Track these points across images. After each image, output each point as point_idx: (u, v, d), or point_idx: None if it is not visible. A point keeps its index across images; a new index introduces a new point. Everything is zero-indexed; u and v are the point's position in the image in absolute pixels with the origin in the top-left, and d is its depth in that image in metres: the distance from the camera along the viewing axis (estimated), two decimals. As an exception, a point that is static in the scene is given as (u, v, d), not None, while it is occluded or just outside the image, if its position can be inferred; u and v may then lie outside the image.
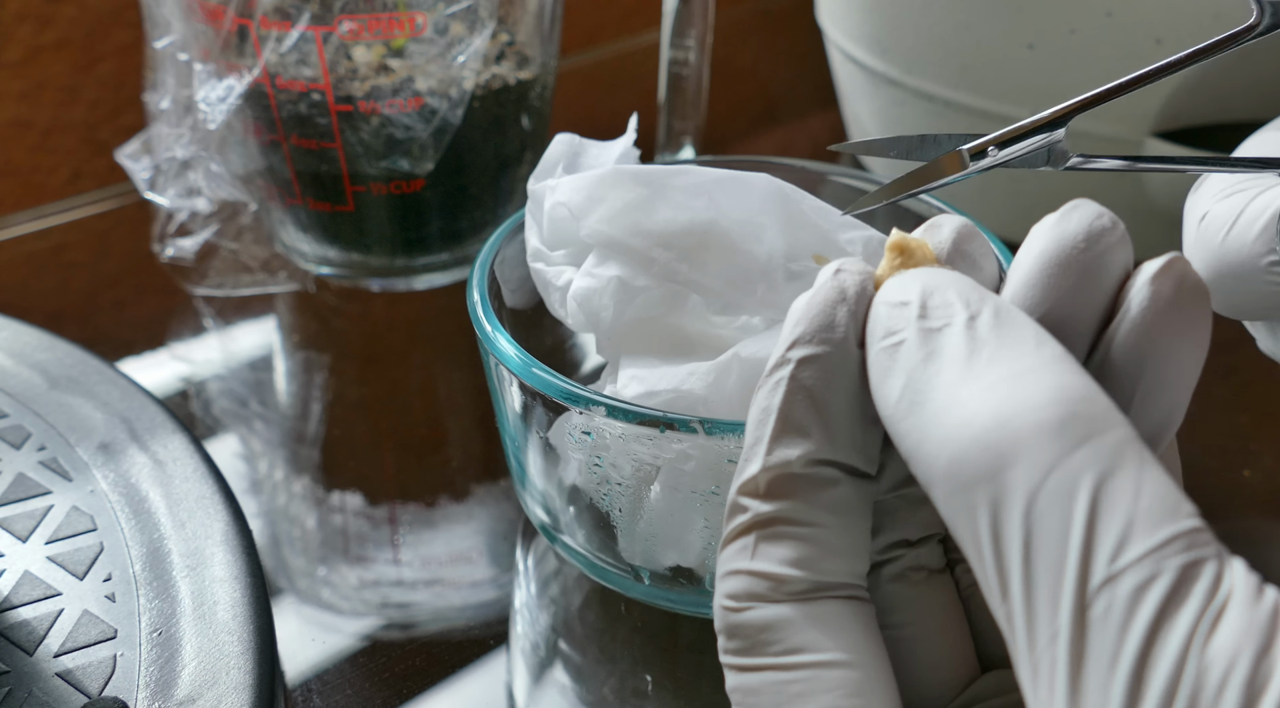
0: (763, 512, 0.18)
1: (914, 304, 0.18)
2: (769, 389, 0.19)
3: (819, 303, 0.19)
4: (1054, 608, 0.14)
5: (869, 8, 0.47)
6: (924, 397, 0.17)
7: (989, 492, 0.15)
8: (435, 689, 0.29)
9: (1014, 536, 0.15)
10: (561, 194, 0.28)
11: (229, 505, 0.30)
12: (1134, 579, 0.14)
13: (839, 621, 0.18)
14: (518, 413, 0.29)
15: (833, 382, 0.18)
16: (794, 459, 0.18)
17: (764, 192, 0.27)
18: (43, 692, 0.25)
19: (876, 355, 0.18)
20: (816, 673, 0.17)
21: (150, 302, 0.46)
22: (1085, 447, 0.15)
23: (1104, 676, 0.14)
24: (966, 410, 0.16)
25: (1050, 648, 0.15)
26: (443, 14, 0.38)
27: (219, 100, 0.39)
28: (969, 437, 0.16)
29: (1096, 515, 0.14)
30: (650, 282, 0.27)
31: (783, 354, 0.19)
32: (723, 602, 0.18)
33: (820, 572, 0.18)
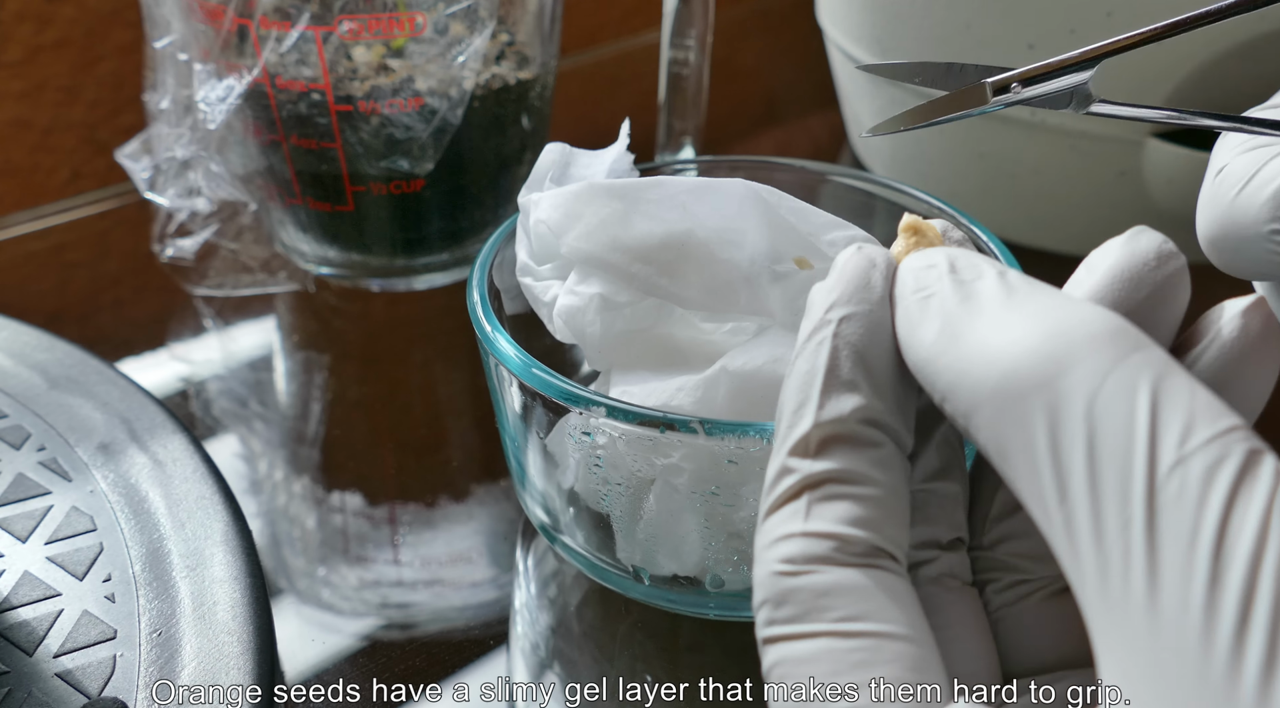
0: (815, 471, 0.18)
1: (943, 265, 0.18)
2: (811, 350, 0.19)
3: (851, 269, 0.19)
4: (1124, 496, 0.15)
5: (869, 8, 0.47)
6: (964, 330, 0.17)
7: (1047, 397, 0.16)
8: (435, 689, 0.29)
9: (1076, 434, 0.15)
10: (541, 211, 0.28)
11: (229, 506, 0.30)
12: (1205, 460, 0.14)
13: (900, 594, 0.18)
14: (517, 413, 0.29)
15: (875, 338, 0.19)
16: (847, 414, 0.18)
17: (741, 197, 0.27)
18: (43, 692, 0.25)
19: (907, 308, 0.18)
20: (880, 643, 0.17)
21: (150, 302, 0.46)
22: (1139, 353, 0.16)
23: (1184, 551, 0.14)
24: (1016, 331, 0.16)
25: (1123, 536, 0.15)
26: (443, 14, 0.38)
27: (219, 100, 0.39)
28: (1021, 351, 0.16)
29: (1159, 407, 0.15)
30: (632, 297, 0.27)
31: (821, 317, 0.19)
32: (776, 567, 0.18)
33: (878, 533, 0.18)
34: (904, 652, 0.17)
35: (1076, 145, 0.43)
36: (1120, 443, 0.15)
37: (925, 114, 0.26)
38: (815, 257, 0.27)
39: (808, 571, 0.17)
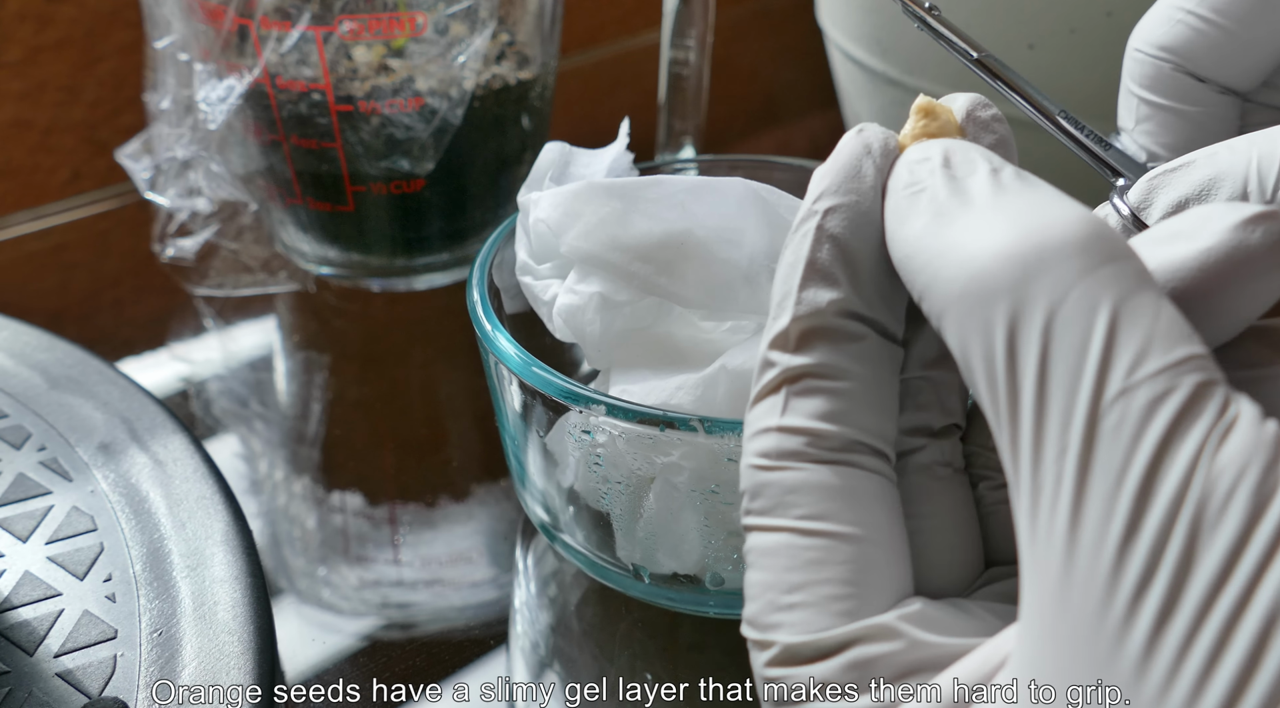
0: (793, 365, 0.18)
1: (937, 159, 0.18)
2: (796, 242, 0.19)
3: (844, 156, 0.19)
4: (1066, 421, 0.15)
5: (869, 8, 0.47)
6: (945, 228, 0.17)
7: (1009, 304, 0.15)
8: (435, 689, 0.29)
9: (1031, 346, 0.15)
10: (541, 211, 0.28)
11: (229, 505, 0.30)
12: (1150, 391, 0.14)
13: (864, 494, 0.18)
14: (517, 412, 0.29)
15: (860, 230, 0.18)
16: (824, 306, 0.18)
17: (739, 196, 0.27)
18: (43, 692, 0.25)
19: (896, 202, 0.18)
20: (833, 544, 0.17)
21: (150, 302, 0.46)
22: (1109, 266, 0.15)
23: (1111, 486, 0.14)
24: (993, 231, 0.16)
25: (1057, 463, 0.14)
26: (443, 14, 0.38)
27: (219, 100, 0.39)
28: (993, 251, 0.16)
29: (1117, 330, 0.15)
30: (632, 296, 0.27)
31: (809, 207, 0.19)
32: (752, 460, 0.18)
33: (853, 427, 0.18)
34: (855, 555, 0.17)
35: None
36: (1071, 364, 0.15)
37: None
38: None
39: (779, 466, 0.18)
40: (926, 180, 0.18)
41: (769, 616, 0.17)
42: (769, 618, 0.17)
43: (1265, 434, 0.14)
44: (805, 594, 0.17)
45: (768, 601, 0.18)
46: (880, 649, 0.17)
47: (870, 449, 0.18)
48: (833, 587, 0.17)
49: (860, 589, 0.17)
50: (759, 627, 0.18)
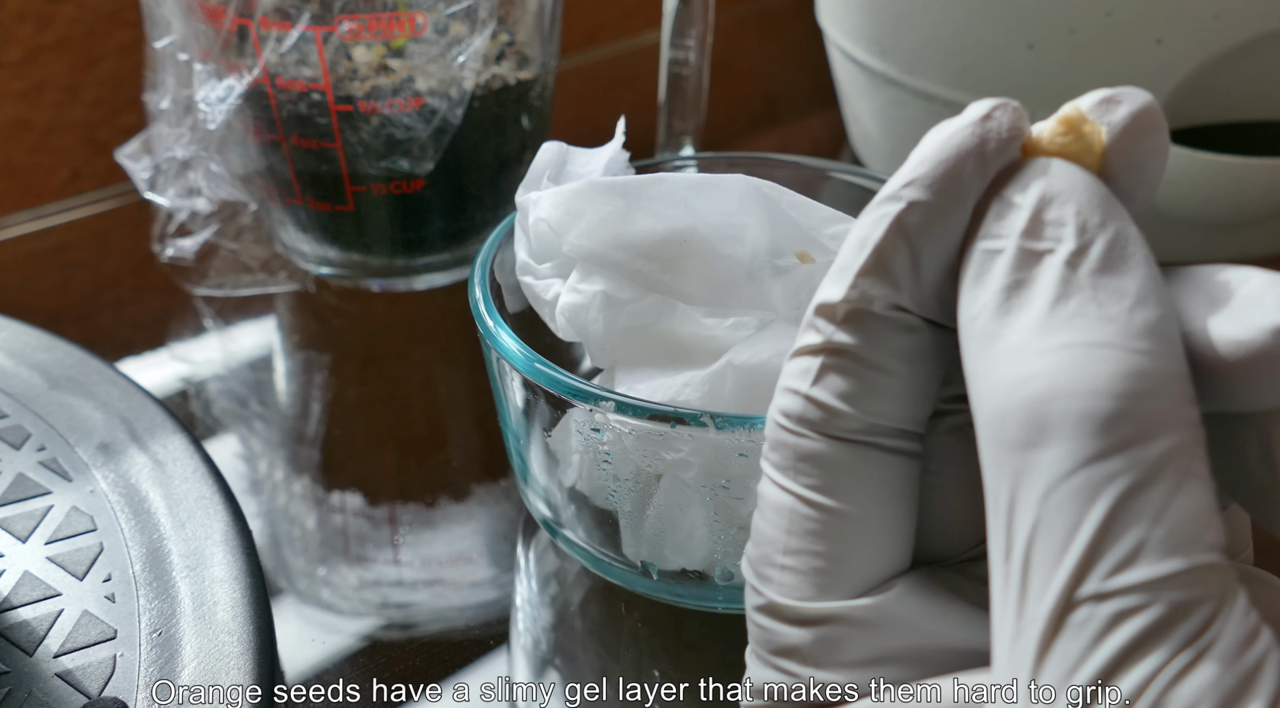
0: (836, 341, 0.18)
1: (1026, 211, 0.16)
2: (873, 221, 0.18)
3: (953, 147, 0.17)
4: (1040, 596, 0.14)
5: (869, 8, 0.47)
6: (998, 327, 0.16)
7: (1017, 461, 0.15)
8: (435, 689, 0.29)
9: (1025, 515, 0.15)
10: (542, 210, 0.28)
11: (229, 505, 0.30)
12: (1120, 604, 0.14)
13: (874, 475, 0.18)
14: (520, 409, 0.29)
15: (938, 237, 0.17)
16: (875, 299, 0.18)
17: (741, 192, 0.27)
18: (43, 692, 0.25)
19: (975, 252, 0.17)
20: (831, 520, 0.18)
21: (150, 302, 0.46)
22: (1125, 453, 0.14)
23: (1062, 676, 0.14)
24: (1026, 368, 0.15)
25: (1030, 627, 0.15)
26: (443, 14, 0.38)
27: (219, 100, 0.39)
28: (1018, 399, 0.15)
29: (1109, 528, 0.14)
30: (635, 294, 0.27)
31: (898, 188, 0.18)
32: (775, 415, 0.19)
33: (876, 415, 0.18)
34: (852, 533, 0.18)
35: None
36: (1055, 550, 0.14)
37: None
38: (817, 251, 0.27)
39: (797, 432, 0.18)
40: (1005, 241, 0.16)
41: (764, 568, 0.18)
42: (764, 570, 0.18)
43: (1235, 670, 0.13)
44: (797, 560, 0.18)
45: (765, 554, 0.18)
46: (850, 634, 0.17)
47: (894, 431, 0.18)
48: (822, 561, 0.18)
49: (850, 569, 0.18)
50: (756, 574, 0.19)
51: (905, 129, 0.48)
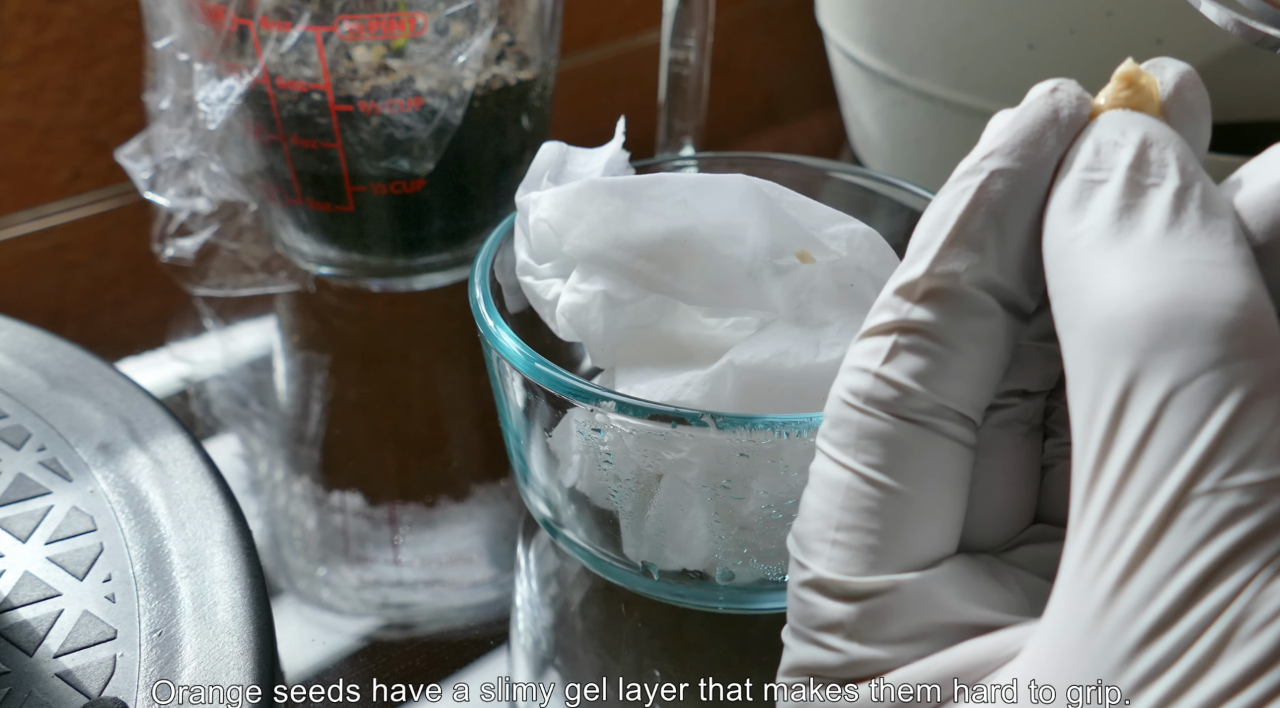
0: (911, 319, 0.18)
1: (1130, 148, 0.17)
2: (953, 195, 0.18)
3: (1029, 117, 0.18)
4: (1148, 495, 0.15)
5: (869, 8, 0.47)
6: (1110, 242, 0.16)
7: (1135, 363, 0.15)
8: (435, 689, 0.29)
9: (1141, 412, 0.15)
10: (542, 210, 0.28)
11: (229, 506, 0.30)
12: (1237, 500, 0.14)
13: (935, 458, 0.18)
14: (520, 409, 0.29)
15: (1021, 201, 0.18)
16: (961, 272, 0.18)
17: (741, 192, 0.27)
18: (43, 692, 0.25)
19: (1071, 182, 0.17)
20: (889, 498, 0.18)
21: (150, 302, 0.46)
22: (1250, 360, 0.15)
23: (1163, 575, 0.14)
24: (1150, 277, 0.15)
25: (1123, 528, 0.15)
26: (443, 14, 0.38)
27: (219, 100, 0.39)
28: (1143, 303, 0.15)
29: (1230, 429, 0.14)
30: (636, 294, 0.27)
31: (977, 162, 0.18)
32: (842, 393, 0.19)
33: (945, 397, 0.18)
34: (906, 513, 0.18)
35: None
36: (1174, 446, 0.15)
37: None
38: (817, 250, 0.27)
39: (864, 410, 0.18)
40: (1109, 174, 0.17)
41: (813, 543, 0.18)
42: (813, 545, 0.18)
43: None
44: (850, 536, 0.18)
45: (816, 529, 0.18)
46: (896, 608, 0.17)
47: (958, 415, 0.18)
48: (875, 538, 0.18)
49: (901, 548, 0.18)
50: (803, 549, 0.19)
51: (905, 129, 0.48)
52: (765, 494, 0.26)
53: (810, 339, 0.26)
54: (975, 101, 0.44)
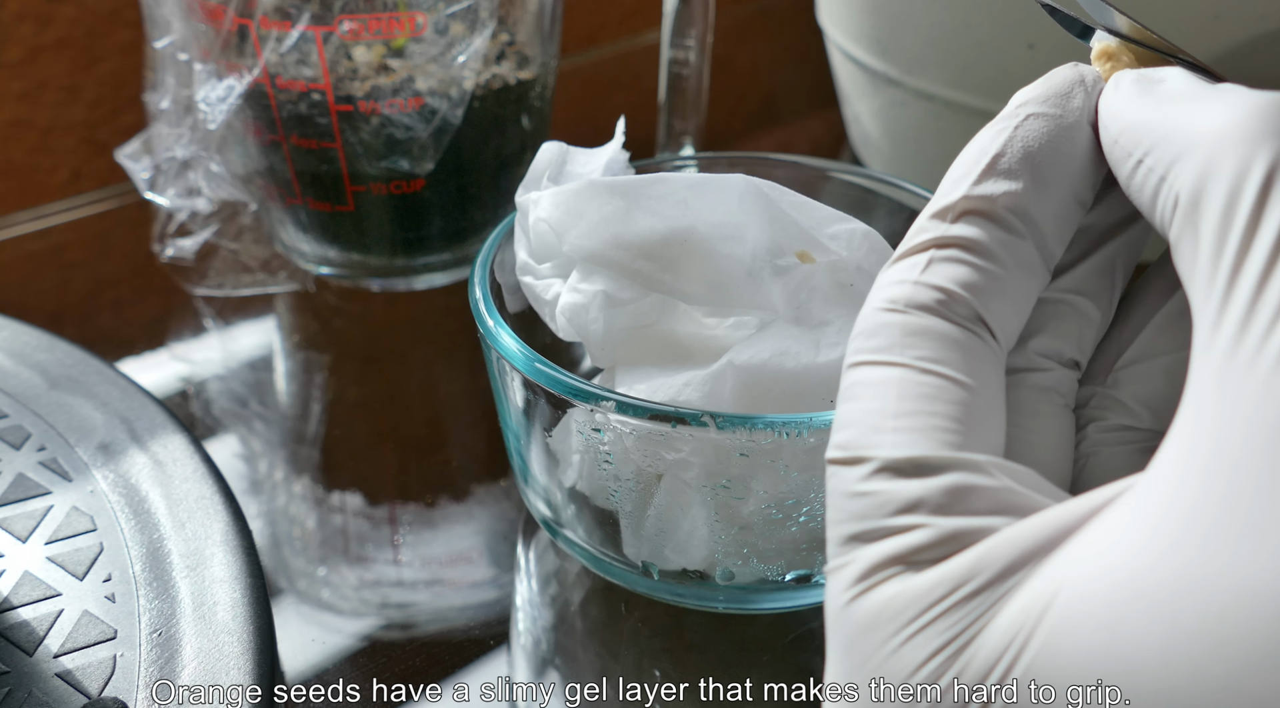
0: (947, 234, 0.18)
1: (1176, 69, 0.19)
2: (989, 136, 0.19)
3: (1058, 77, 0.20)
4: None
5: (869, 8, 0.47)
6: (1200, 98, 0.17)
7: (1272, 148, 0.16)
8: (435, 689, 0.29)
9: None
10: (542, 210, 0.28)
11: (229, 505, 0.30)
12: None
13: (982, 358, 0.18)
14: (520, 409, 0.29)
15: (1057, 143, 0.19)
16: (997, 196, 0.18)
17: (741, 192, 0.27)
18: (43, 692, 0.25)
19: (1128, 89, 0.19)
20: (949, 386, 0.17)
21: (150, 302, 0.46)
22: None
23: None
24: (1259, 96, 0.17)
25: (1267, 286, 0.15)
26: (443, 14, 0.38)
27: (219, 100, 0.39)
28: (1253, 108, 0.16)
29: None
30: (636, 293, 0.27)
31: (1011, 110, 0.19)
32: (878, 304, 0.18)
33: (984, 308, 0.18)
34: (969, 400, 0.17)
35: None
36: None
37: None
38: (817, 250, 0.27)
39: (905, 312, 0.18)
40: (1167, 77, 0.18)
41: (869, 437, 0.17)
42: (869, 438, 0.17)
43: None
44: (914, 421, 0.17)
45: (870, 424, 0.17)
46: (981, 481, 0.16)
47: (992, 333, 0.18)
48: (941, 420, 0.17)
49: (967, 431, 0.17)
50: (853, 447, 0.17)
51: (905, 129, 0.48)
52: (765, 494, 0.26)
53: (810, 339, 0.26)
54: (975, 101, 0.44)
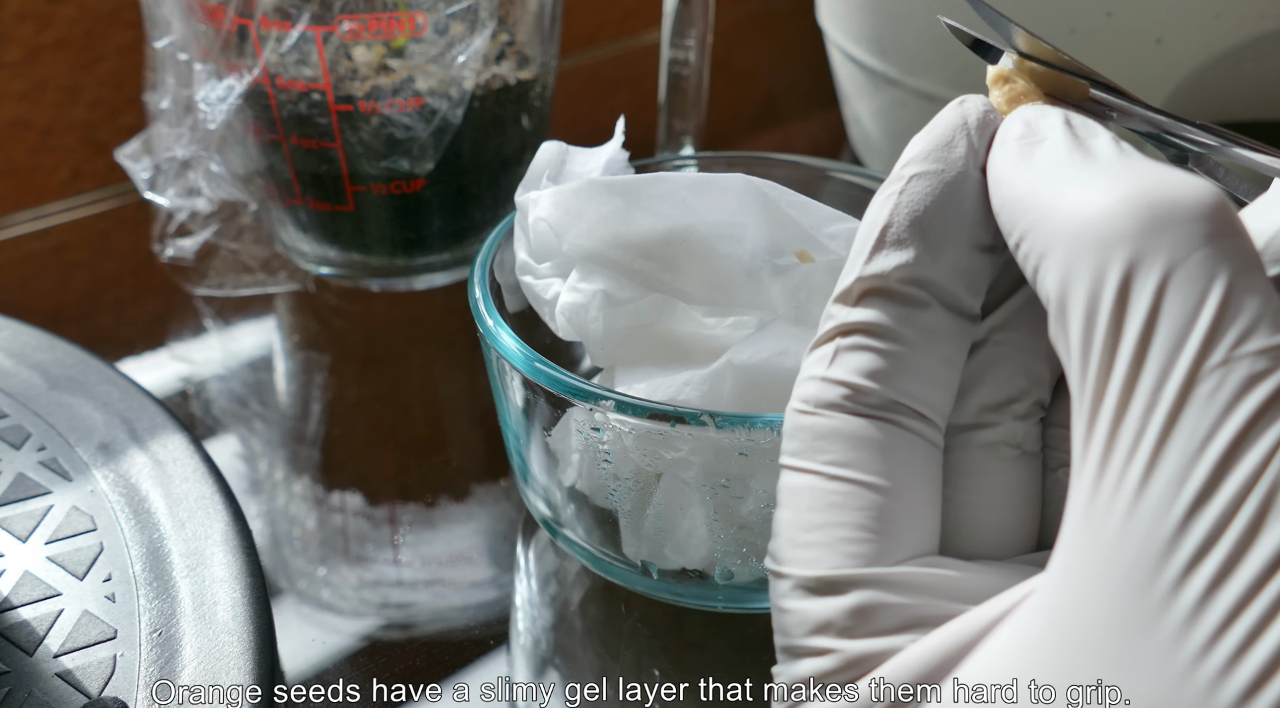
0: (848, 321, 0.18)
1: (1057, 117, 0.18)
2: (877, 205, 0.19)
3: (940, 125, 0.19)
4: (1162, 378, 0.14)
5: (869, 8, 0.47)
6: (1070, 173, 0.17)
7: (1130, 251, 0.15)
8: (435, 689, 0.29)
9: (1143, 297, 0.15)
10: (541, 210, 0.28)
11: (229, 505, 0.30)
12: (1251, 367, 0.14)
13: (896, 450, 0.18)
14: (520, 409, 0.29)
15: (943, 201, 0.19)
16: (889, 271, 0.18)
17: (740, 192, 0.27)
18: (43, 692, 0.25)
19: (1009, 149, 0.18)
20: (854, 490, 0.18)
21: (150, 302, 0.46)
22: (1232, 240, 0.15)
23: (1193, 452, 0.14)
24: (1121, 183, 0.16)
25: (1142, 419, 0.15)
26: (443, 14, 0.38)
27: (219, 100, 0.39)
28: (1120, 197, 0.16)
29: (1230, 301, 0.15)
30: (635, 293, 0.27)
31: (896, 173, 0.19)
32: (795, 404, 0.19)
33: (896, 390, 0.18)
34: (875, 503, 0.18)
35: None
36: (1180, 324, 0.15)
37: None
38: (816, 250, 0.27)
39: (815, 413, 0.18)
40: (1049, 134, 0.18)
41: (787, 551, 0.18)
42: (787, 553, 0.18)
43: None
44: (821, 534, 0.18)
45: (788, 537, 0.18)
46: (886, 599, 0.17)
47: (913, 413, 0.18)
48: (847, 530, 0.17)
49: (876, 537, 0.17)
50: (777, 560, 0.18)
51: (905, 129, 0.48)
52: (764, 493, 0.26)
53: (809, 339, 0.26)
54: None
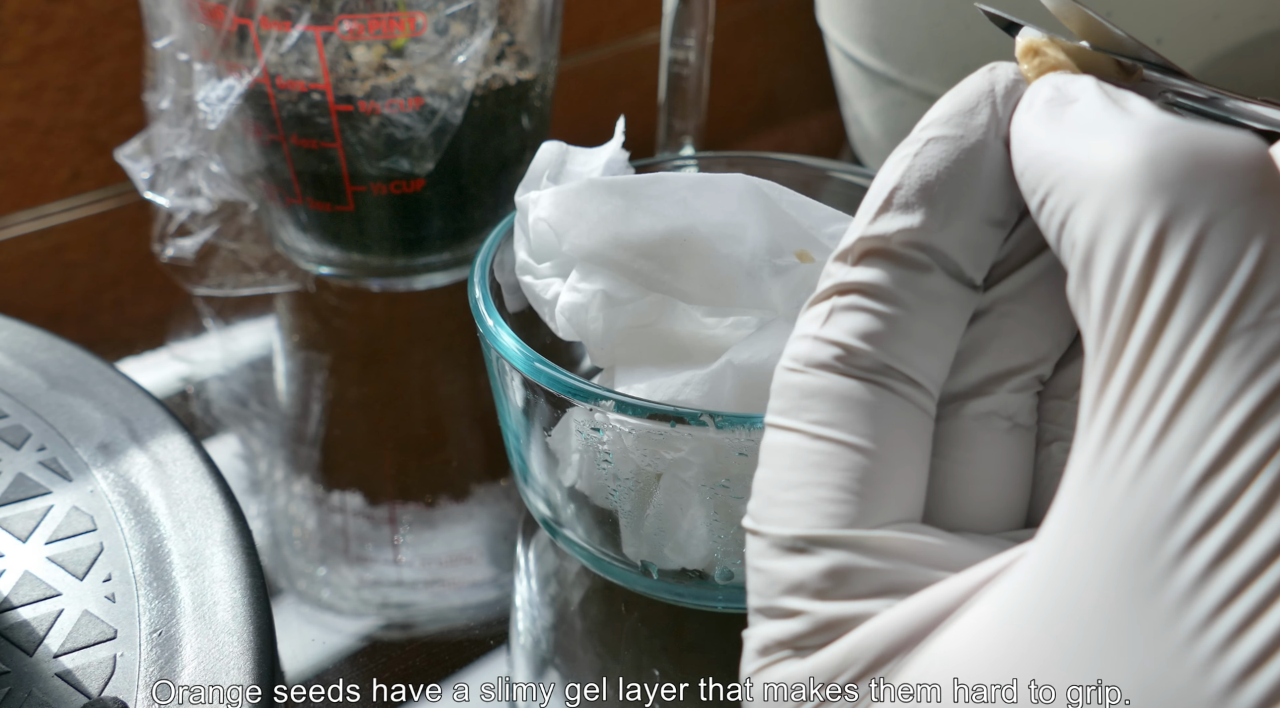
0: (846, 280, 0.18)
1: (1089, 81, 0.18)
2: (891, 166, 0.18)
3: (966, 90, 0.19)
4: (1189, 336, 0.14)
5: (869, 8, 0.47)
6: (1108, 124, 0.16)
7: (1169, 200, 0.14)
8: (435, 689, 0.29)
9: (1177, 250, 0.14)
10: (542, 210, 0.28)
11: (229, 505, 0.30)
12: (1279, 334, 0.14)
13: (885, 413, 0.17)
14: (520, 409, 0.29)
15: (958, 168, 0.18)
16: (891, 234, 0.18)
17: (740, 192, 0.27)
18: (43, 692, 0.25)
19: (1039, 110, 0.17)
20: (838, 450, 0.17)
21: (150, 302, 0.46)
22: (1276, 196, 0.14)
23: (1214, 414, 0.13)
24: (1162, 134, 0.15)
25: (1163, 377, 0.14)
26: (443, 14, 0.38)
27: (219, 100, 0.39)
28: (1169, 142, 0.15)
29: (1268, 260, 0.14)
30: (635, 293, 0.27)
31: (915, 135, 0.19)
32: (785, 362, 0.18)
33: (889, 354, 0.18)
34: (858, 465, 0.17)
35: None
36: (1214, 281, 0.14)
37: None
38: (817, 250, 0.27)
39: (803, 371, 0.18)
40: (1080, 95, 0.17)
41: (765, 510, 0.18)
42: (765, 511, 0.18)
43: None
44: (800, 493, 0.17)
45: (767, 496, 0.18)
46: (862, 562, 0.16)
47: (906, 378, 0.18)
48: (827, 491, 0.17)
49: (857, 500, 0.17)
50: (755, 519, 0.18)
51: (905, 129, 0.48)
52: (765, 494, 0.26)
53: (810, 339, 0.26)
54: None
